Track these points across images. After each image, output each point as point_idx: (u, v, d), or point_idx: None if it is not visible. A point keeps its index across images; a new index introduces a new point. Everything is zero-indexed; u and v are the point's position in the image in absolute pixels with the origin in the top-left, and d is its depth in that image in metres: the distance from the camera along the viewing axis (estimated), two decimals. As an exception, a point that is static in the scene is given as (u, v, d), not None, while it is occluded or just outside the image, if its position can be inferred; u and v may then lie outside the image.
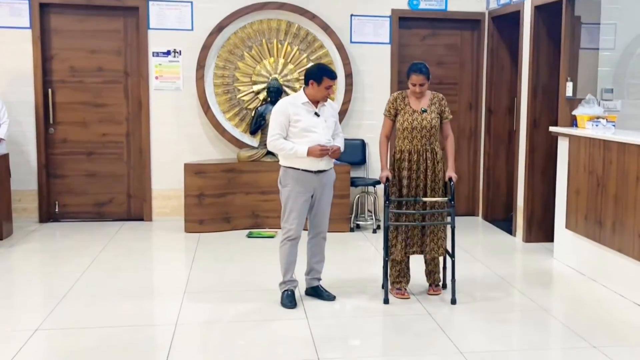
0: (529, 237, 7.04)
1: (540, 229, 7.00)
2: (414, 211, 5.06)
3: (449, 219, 5.09)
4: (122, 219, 7.98)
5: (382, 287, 5.09)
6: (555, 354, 4.27)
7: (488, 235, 7.55)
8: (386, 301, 4.97)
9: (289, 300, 4.94)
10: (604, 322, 4.74)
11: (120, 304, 5.02)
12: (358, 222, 7.76)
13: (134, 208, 8.02)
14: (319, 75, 4.86)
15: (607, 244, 5.44)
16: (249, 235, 7.21)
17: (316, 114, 4.92)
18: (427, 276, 5.31)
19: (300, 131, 4.87)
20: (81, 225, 7.74)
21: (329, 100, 5.05)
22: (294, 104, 4.91)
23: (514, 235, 7.31)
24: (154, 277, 5.99)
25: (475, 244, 7.13)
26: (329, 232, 5.18)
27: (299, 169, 4.91)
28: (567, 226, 6.09)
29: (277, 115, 4.91)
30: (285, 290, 5.01)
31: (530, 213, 7.02)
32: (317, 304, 5.02)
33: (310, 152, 4.82)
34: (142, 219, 7.96)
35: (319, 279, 5.19)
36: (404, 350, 4.20)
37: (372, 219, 7.72)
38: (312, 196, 4.97)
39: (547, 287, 5.66)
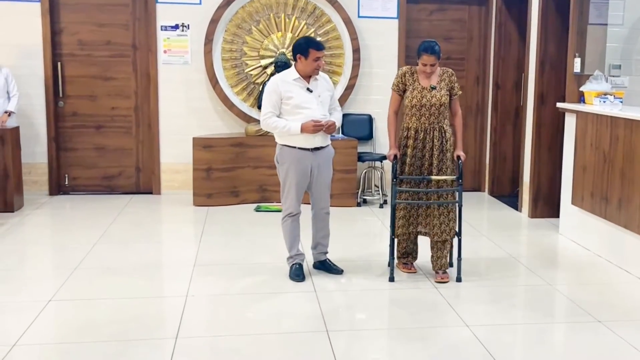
0: (534, 213, 7.08)
1: (546, 205, 7.05)
2: (420, 189, 4.95)
3: (456, 196, 5.01)
4: (131, 192, 8.05)
5: (389, 265, 5.08)
6: (560, 328, 4.33)
7: (494, 211, 7.60)
8: (392, 279, 4.98)
9: (296, 274, 4.99)
10: (608, 297, 4.79)
11: (130, 276, 5.10)
12: (365, 197, 7.81)
13: (143, 181, 8.08)
14: (305, 48, 4.76)
15: (613, 220, 5.47)
16: (257, 209, 7.26)
17: (308, 89, 4.85)
18: (433, 263, 5.09)
19: (293, 108, 4.81)
20: (90, 198, 7.82)
21: (322, 74, 4.97)
22: (285, 81, 4.83)
23: (520, 211, 7.35)
24: (164, 250, 6.06)
25: (481, 219, 7.17)
26: (335, 206, 5.21)
27: (294, 147, 4.86)
28: (573, 202, 6.12)
29: (268, 93, 4.84)
30: (293, 264, 5.06)
31: (537, 189, 7.05)
32: (325, 278, 5.08)
33: (304, 128, 4.77)
34: (150, 192, 8.03)
35: (326, 253, 5.22)
36: (411, 323, 4.26)
37: (379, 194, 7.77)
38: (309, 173, 4.94)
39: (553, 262, 5.71)
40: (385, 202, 7.53)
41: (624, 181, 5.32)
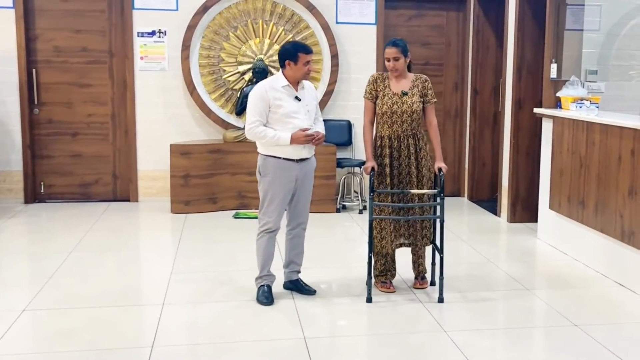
0: (513, 218, 7.10)
1: (525, 210, 7.07)
2: (399, 204, 4.75)
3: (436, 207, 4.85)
4: (108, 200, 7.97)
5: (367, 284, 4.73)
6: (537, 332, 4.33)
7: (473, 216, 7.61)
8: (369, 300, 4.68)
9: (265, 297, 4.65)
10: (585, 301, 4.81)
11: (106, 284, 5.04)
12: (344, 203, 7.80)
13: (120, 189, 8.01)
14: (293, 52, 4.52)
15: (590, 225, 5.50)
16: (236, 216, 7.23)
17: (297, 98, 4.61)
18: (413, 265, 5.05)
19: (282, 117, 4.53)
20: (67, 206, 7.73)
21: (307, 82, 4.75)
22: (273, 88, 4.55)
23: (499, 216, 7.37)
24: (141, 258, 6.01)
25: (460, 224, 7.19)
26: (315, 213, 5.13)
27: (280, 158, 4.58)
28: (551, 207, 6.15)
29: (255, 100, 4.54)
30: (261, 286, 4.71)
31: (515, 193, 7.08)
32: (303, 284, 5.06)
33: (294, 139, 4.51)
34: (128, 200, 7.96)
35: (299, 272, 4.92)
36: (389, 330, 4.26)
37: (358, 199, 7.76)
38: (294, 185, 4.67)
39: (530, 267, 5.73)
40: (365, 207, 7.52)
41: (600, 186, 5.35)
